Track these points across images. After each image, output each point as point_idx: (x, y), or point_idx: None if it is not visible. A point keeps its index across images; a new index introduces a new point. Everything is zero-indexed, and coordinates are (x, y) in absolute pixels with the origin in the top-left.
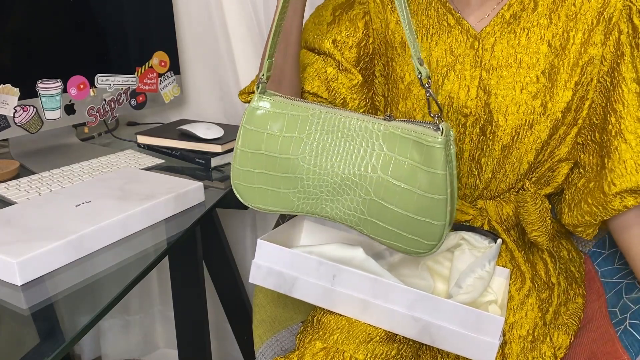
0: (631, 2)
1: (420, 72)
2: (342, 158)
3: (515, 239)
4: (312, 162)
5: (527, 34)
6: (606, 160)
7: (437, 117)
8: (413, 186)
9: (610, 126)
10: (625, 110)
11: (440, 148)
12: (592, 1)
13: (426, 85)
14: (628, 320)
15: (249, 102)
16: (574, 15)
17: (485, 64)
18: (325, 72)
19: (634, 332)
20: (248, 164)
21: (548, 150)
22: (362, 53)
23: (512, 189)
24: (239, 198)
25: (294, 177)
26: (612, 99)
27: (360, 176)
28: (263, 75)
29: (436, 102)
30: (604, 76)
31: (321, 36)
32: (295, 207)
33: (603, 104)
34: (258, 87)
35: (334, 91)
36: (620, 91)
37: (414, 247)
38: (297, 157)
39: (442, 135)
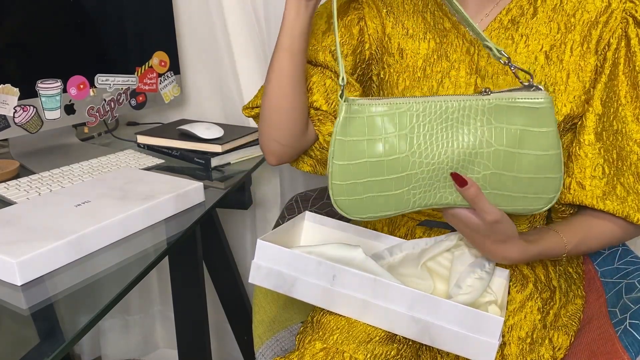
0: (629, 15)
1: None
2: (452, 142)
3: None
4: (424, 155)
5: (525, 42)
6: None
7: (531, 76)
8: (530, 149)
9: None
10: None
11: (551, 107)
12: (591, 12)
13: None
14: (628, 320)
15: (252, 116)
16: (572, 27)
17: (480, 70)
18: (324, 84)
19: (633, 332)
20: (350, 177)
21: None
22: (358, 60)
23: None
24: (344, 213)
25: (406, 174)
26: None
27: (476, 154)
28: (343, 79)
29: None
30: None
31: (316, 47)
32: (411, 204)
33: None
34: (342, 96)
35: (334, 103)
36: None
37: (536, 204)
38: (406, 153)
39: (547, 94)
